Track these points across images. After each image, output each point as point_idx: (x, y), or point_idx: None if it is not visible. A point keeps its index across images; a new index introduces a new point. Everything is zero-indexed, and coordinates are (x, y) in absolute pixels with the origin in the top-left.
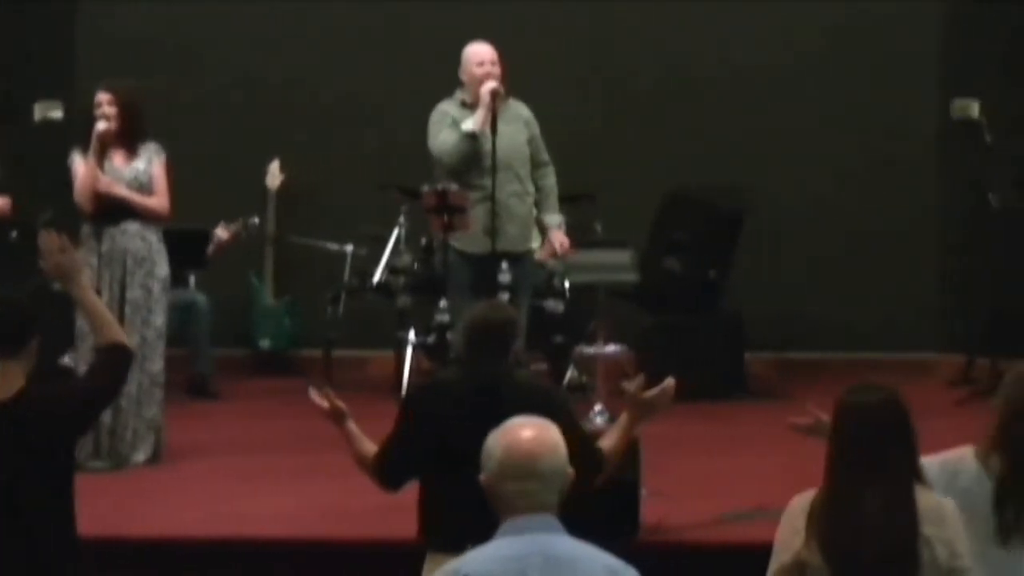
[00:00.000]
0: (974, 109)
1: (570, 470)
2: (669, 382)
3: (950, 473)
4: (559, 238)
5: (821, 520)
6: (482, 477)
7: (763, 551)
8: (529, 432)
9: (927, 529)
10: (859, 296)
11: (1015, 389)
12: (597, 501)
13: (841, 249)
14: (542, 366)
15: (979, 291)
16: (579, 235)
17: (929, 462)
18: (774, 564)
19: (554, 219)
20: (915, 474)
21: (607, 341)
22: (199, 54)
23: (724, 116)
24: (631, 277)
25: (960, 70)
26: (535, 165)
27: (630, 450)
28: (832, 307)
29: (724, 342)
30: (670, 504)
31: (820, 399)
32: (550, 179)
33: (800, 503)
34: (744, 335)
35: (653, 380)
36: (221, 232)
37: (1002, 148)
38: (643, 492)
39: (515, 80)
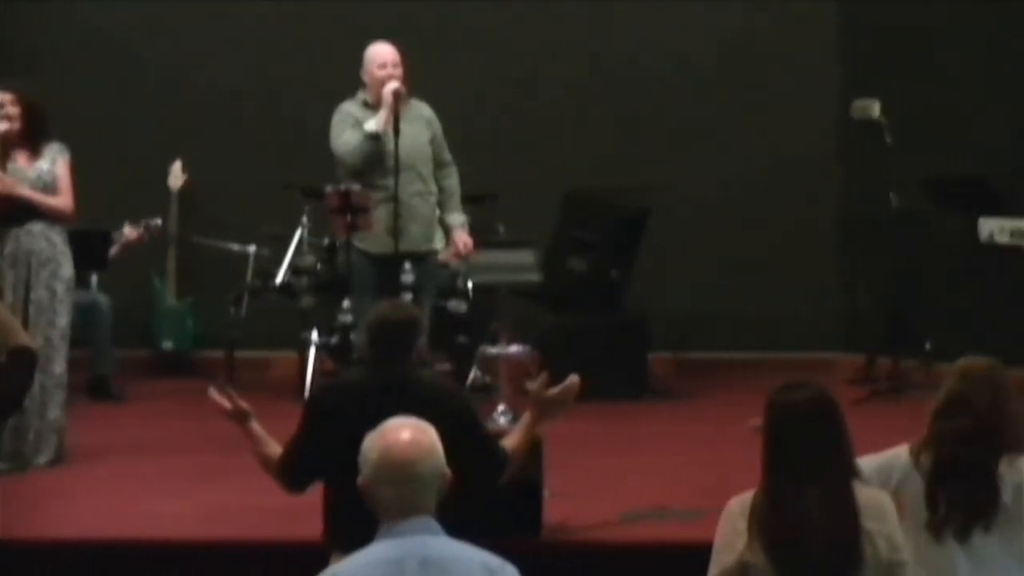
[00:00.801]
0: (875, 109)
1: (447, 471)
2: (572, 379)
3: (886, 470)
4: (462, 238)
5: (763, 520)
6: (359, 480)
7: (666, 550)
8: (406, 435)
9: (868, 524)
10: (761, 296)
11: (946, 385)
12: (500, 501)
13: (743, 249)
14: (445, 366)
15: (880, 290)
16: (482, 235)
17: (867, 462)
18: (715, 567)
19: (457, 219)
20: (852, 469)
21: (510, 341)
22: (103, 55)
23: (626, 117)
24: (534, 277)
25: (861, 70)
26: (438, 165)
27: (533, 450)
28: (734, 307)
29: (627, 342)
30: (573, 504)
31: (722, 398)
32: (453, 179)
33: (738, 505)
34: (647, 335)
35: (556, 380)
36: (127, 232)
37: (903, 148)
38: (546, 492)
39: (417, 80)
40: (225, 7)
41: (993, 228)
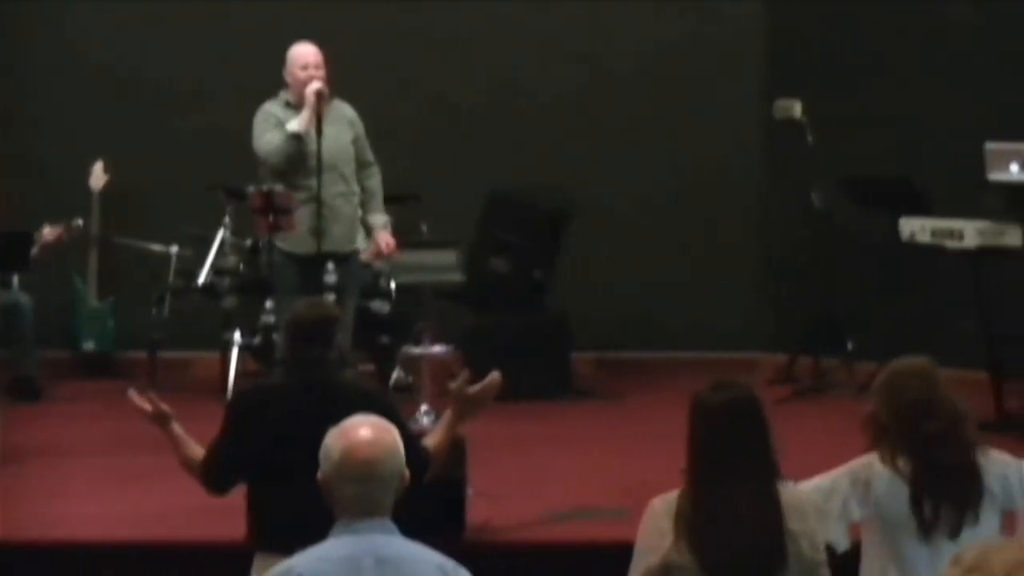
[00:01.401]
0: (796, 109)
1: (407, 473)
2: (493, 376)
3: (863, 484)
4: (385, 238)
5: (690, 520)
6: (319, 476)
7: (590, 550)
8: (369, 434)
9: (791, 524)
10: (684, 295)
11: (904, 388)
12: (423, 500)
13: (666, 249)
14: (368, 367)
15: (802, 290)
16: (405, 236)
17: (837, 476)
18: (639, 567)
19: (379, 219)
20: (776, 469)
21: (433, 341)
22: (24, 54)
23: (548, 116)
24: (457, 277)
25: (782, 70)
26: (360, 165)
27: (457, 449)
28: (657, 306)
29: (550, 342)
30: (496, 503)
31: (645, 398)
32: (375, 179)
33: (662, 505)
34: (570, 335)
35: (479, 380)
36: (47, 233)
37: (824, 148)
38: (469, 492)
39: (340, 80)
40: (147, 7)
41: (914, 227)
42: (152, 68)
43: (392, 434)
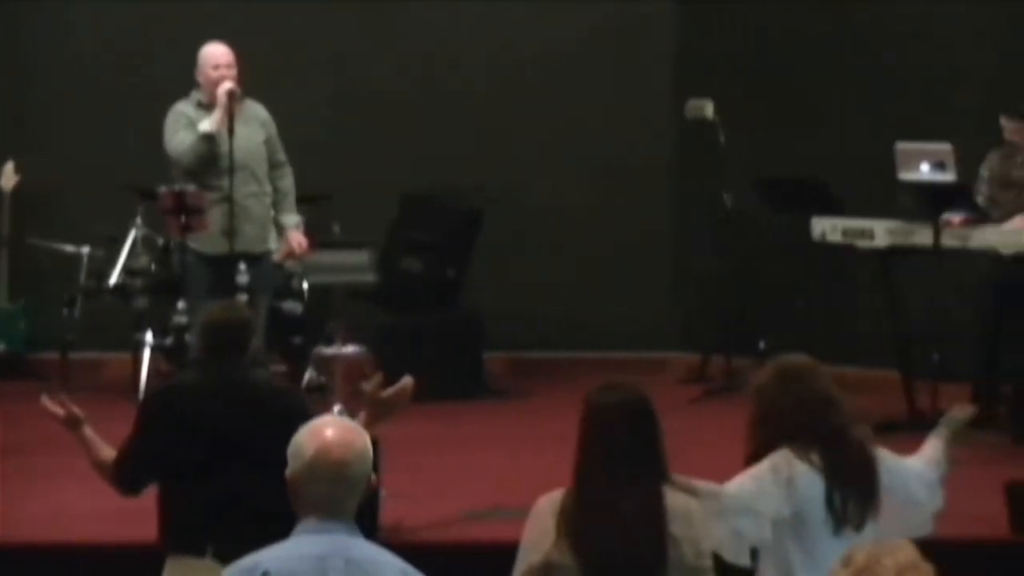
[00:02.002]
0: (708, 109)
1: (373, 476)
2: (407, 381)
3: (787, 480)
4: (297, 238)
5: (572, 520)
6: (288, 473)
7: (502, 550)
8: (342, 435)
9: (675, 529)
10: (597, 295)
11: (805, 384)
12: None
13: (579, 249)
14: (281, 367)
15: (714, 290)
16: (317, 236)
17: (759, 475)
18: (522, 564)
19: (291, 219)
20: (663, 473)
21: (346, 342)
22: None
23: (462, 117)
24: (370, 277)
25: (694, 70)
26: (272, 165)
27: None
28: (570, 306)
29: (463, 342)
30: (409, 504)
31: (559, 398)
32: (287, 179)
33: (548, 504)
34: (483, 334)
35: (392, 380)
36: None
37: (736, 148)
38: (382, 493)
39: (252, 80)
40: (58, 7)
41: (826, 227)
42: (64, 69)
43: (364, 438)
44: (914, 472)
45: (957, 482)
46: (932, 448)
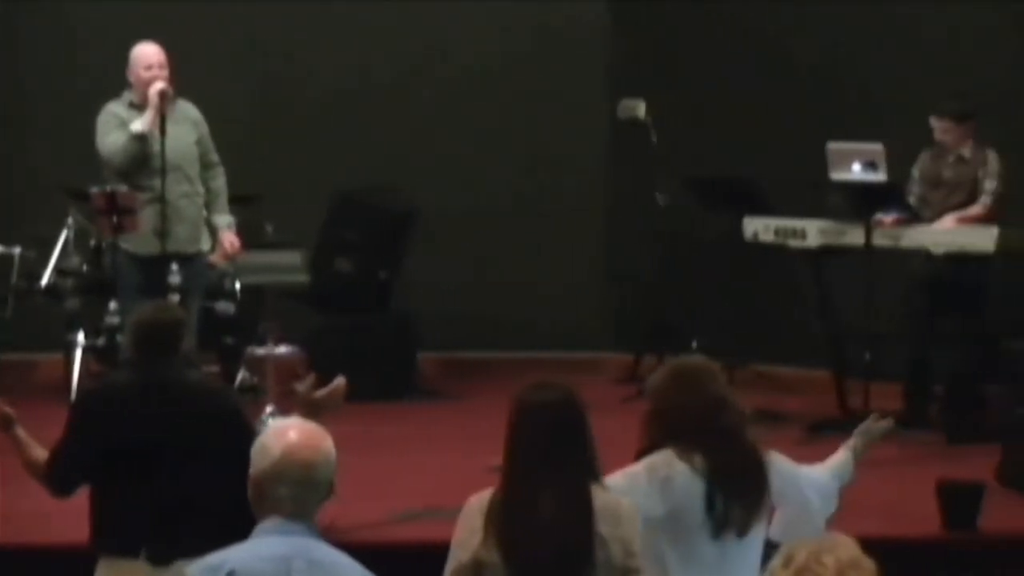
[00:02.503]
0: (640, 109)
1: (335, 482)
2: (339, 381)
3: (662, 480)
4: (229, 239)
5: (499, 519)
6: (252, 474)
7: (435, 550)
8: (308, 438)
9: (603, 528)
10: (529, 295)
11: (697, 386)
12: None
13: (511, 249)
14: (213, 368)
15: (647, 289)
16: (249, 236)
17: (634, 472)
18: (452, 563)
19: (224, 220)
20: (592, 473)
21: (278, 342)
22: None
23: (394, 118)
24: (302, 278)
25: (626, 71)
26: (205, 166)
27: None
28: (502, 306)
29: (395, 342)
30: (342, 505)
31: (491, 398)
32: (220, 180)
33: (477, 503)
34: (415, 335)
35: (325, 380)
36: None
37: (667, 148)
38: None
39: (184, 81)
40: None
41: (758, 227)
42: None
43: (329, 441)
44: (810, 479)
45: (889, 481)
46: (839, 458)
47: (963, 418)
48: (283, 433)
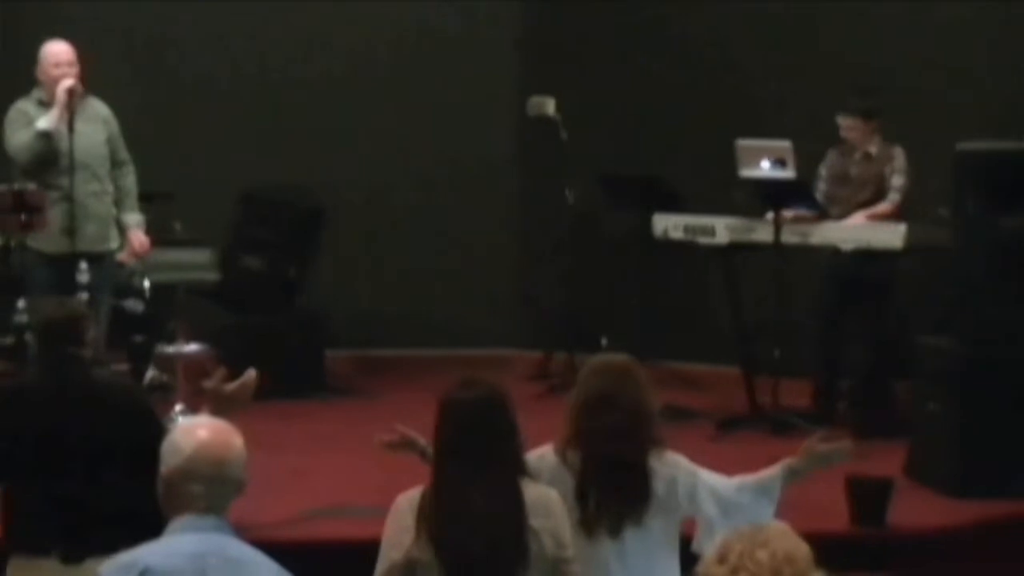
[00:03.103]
0: (550, 106)
1: (246, 478)
2: (250, 374)
3: (533, 472)
4: (139, 238)
5: (431, 516)
6: (163, 471)
7: (346, 548)
8: (219, 436)
9: (534, 521)
10: (441, 292)
11: (587, 383)
12: None
13: (421, 246)
14: (123, 366)
15: (557, 287)
16: (158, 234)
17: None
18: (384, 563)
19: (134, 218)
20: (520, 466)
21: (188, 340)
22: None
23: (303, 113)
24: (211, 276)
25: (536, 67)
26: (115, 164)
27: None
28: (414, 304)
29: (304, 340)
30: (251, 503)
31: (402, 395)
32: (130, 178)
33: (406, 501)
34: (324, 332)
35: (234, 379)
36: None
37: (578, 145)
38: None
39: (93, 78)
40: None
41: (668, 224)
42: None
43: (239, 438)
44: (713, 489)
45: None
46: (767, 473)
47: (871, 414)
48: (194, 431)
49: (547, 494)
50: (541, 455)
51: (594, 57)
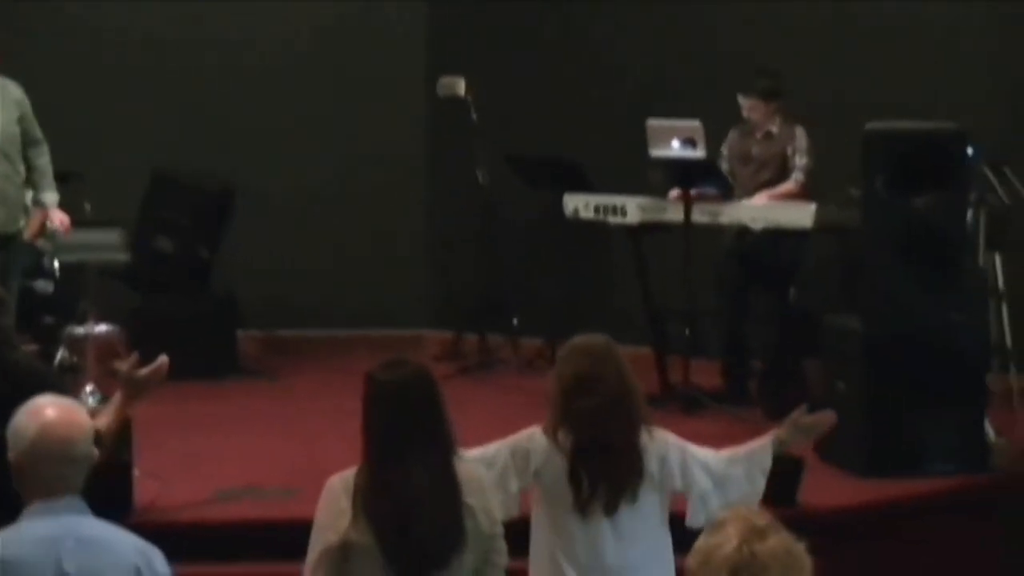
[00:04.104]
0: (460, 87)
1: (96, 452)
2: (162, 360)
3: (522, 455)
4: (59, 216)
5: (367, 499)
6: (11, 456)
7: (259, 529)
8: (63, 415)
9: (469, 499)
10: (351, 273)
11: (571, 363)
12: (89, 482)
13: (333, 228)
14: (32, 347)
15: (468, 267)
16: (69, 214)
17: (500, 447)
18: (318, 547)
19: (51, 197)
20: (452, 445)
21: (98, 321)
22: None
23: (214, 95)
24: (121, 257)
25: (446, 47)
26: (30, 144)
27: (123, 431)
28: (325, 285)
29: (216, 321)
30: (163, 484)
31: (312, 376)
32: (45, 158)
33: (340, 483)
34: (236, 314)
35: (145, 360)
36: None
37: (488, 125)
38: (136, 472)
39: (6, 59)
40: None
41: (578, 204)
42: None
43: (83, 414)
44: (705, 463)
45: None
46: (755, 445)
47: (781, 393)
48: (36, 413)
49: (478, 472)
50: (531, 436)
51: (504, 36)
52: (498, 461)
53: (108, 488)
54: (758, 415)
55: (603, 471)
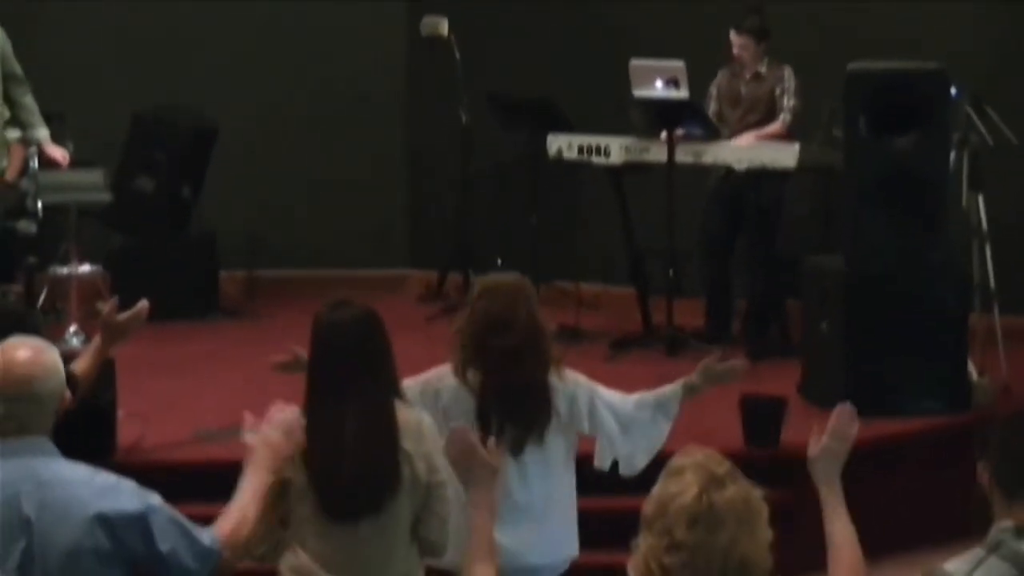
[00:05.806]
0: (443, 26)
1: (67, 393)
2: (143, 304)
3: (432, 393)
4: (58, 152)
5: (304, 438)
6: None
7: (236, 469)
8: (25, 353)
9: (406, 444)
10: (333, 214)
11: (482, 303)
12: (72, 424)
13: (313, 167)
14: (16, 287)
15: (451, 206)
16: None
17: (410, 385)
18: None
19: (43, 133)
20: (393, 389)
21: (80, 262)
22: None
23: (191, 36)
24: (104, 197)
25: None
26: (14, 83)
27: (105, 372)
28: (307, 225)
29: (197, 261)
30: (146, 424)
31: (293, 316)
32: (29, 96)
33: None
34: (217, 254)
35: (127, 301)
36: None
37: (471, 66)
38: (119, 414)
39: None
40: None
41: (561, 144)
42: None
43: (51, 353)
44: (612, 406)
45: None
46: (665, 390)
47: (764, 334)
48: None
49: (419, 418)
50: (440, 376)
51: None
52: (408, 397)
53: (90, 430)
54: (742, 355)
55: (511, 411)
